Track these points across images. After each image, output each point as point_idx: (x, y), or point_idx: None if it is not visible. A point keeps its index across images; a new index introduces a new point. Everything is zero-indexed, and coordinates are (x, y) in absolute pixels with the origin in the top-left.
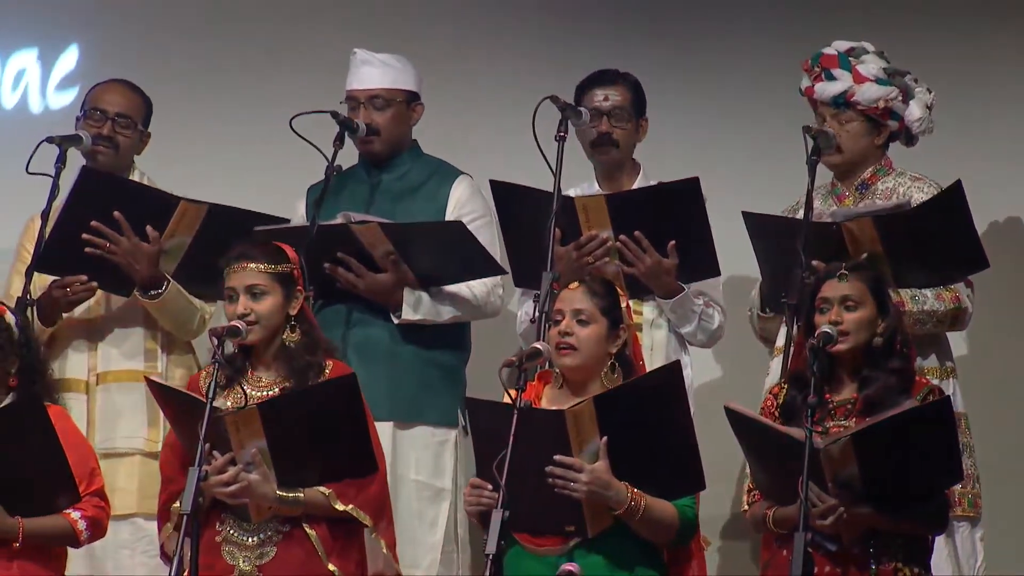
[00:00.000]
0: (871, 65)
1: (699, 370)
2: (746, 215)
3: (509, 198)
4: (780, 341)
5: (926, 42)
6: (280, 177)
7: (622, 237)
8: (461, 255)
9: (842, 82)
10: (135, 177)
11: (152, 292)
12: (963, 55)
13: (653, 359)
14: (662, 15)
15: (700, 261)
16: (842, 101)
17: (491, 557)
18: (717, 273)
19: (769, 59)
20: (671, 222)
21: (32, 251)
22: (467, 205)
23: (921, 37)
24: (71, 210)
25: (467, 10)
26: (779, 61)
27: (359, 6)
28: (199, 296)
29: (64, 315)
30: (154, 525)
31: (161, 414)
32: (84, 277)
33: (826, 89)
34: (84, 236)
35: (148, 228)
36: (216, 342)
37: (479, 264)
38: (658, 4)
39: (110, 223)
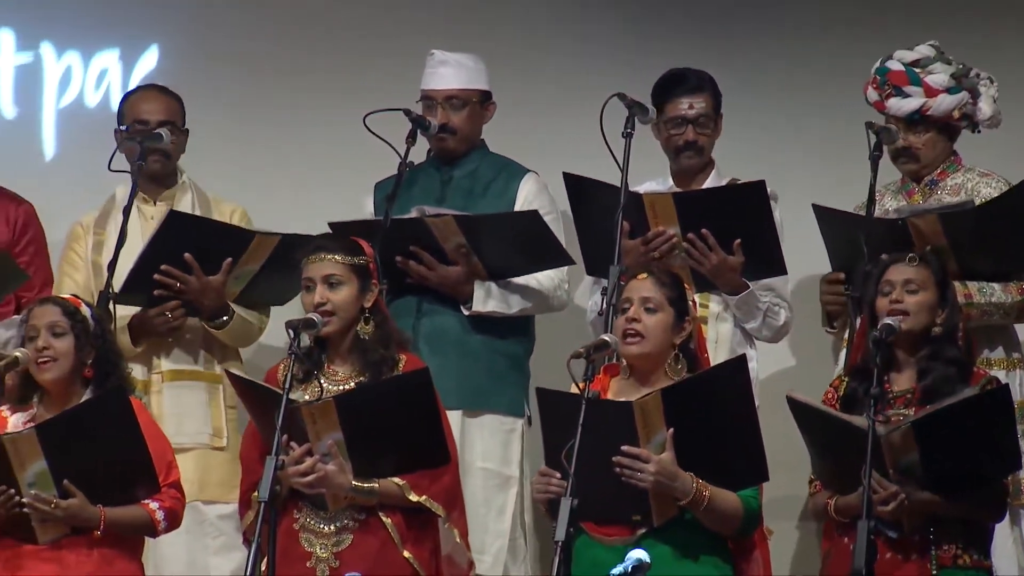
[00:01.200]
0: (940, 75)
1: (767, 362)
2: (816, 208)
3: (581, 190)
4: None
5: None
6: (349, 174)
7: (689, 235)
8: (532, 246)
9: (915, 99)
10: (182, 180)
11: (218, 321)
12: None
13: (718, 352)
14: (729, 12)
15: (766, 260)
16: (917, 117)
17: (560, 544)
18: (783, 272)
19: (837, 58)
20: (737, 221)
21: (80, 253)
22: (535, 202)
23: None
24: (154, 248)
25: (536, 9)
26: (847, 59)
27: (430, 6)
28: (259, 305)
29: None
30: (212, 509)
31: (223, 412)
32: (177, 303)
33: (900, 107)
34: (156, 277)
35: (226, 262)
36: (292, 334)
37: (550, 255)
38: (726, 1)
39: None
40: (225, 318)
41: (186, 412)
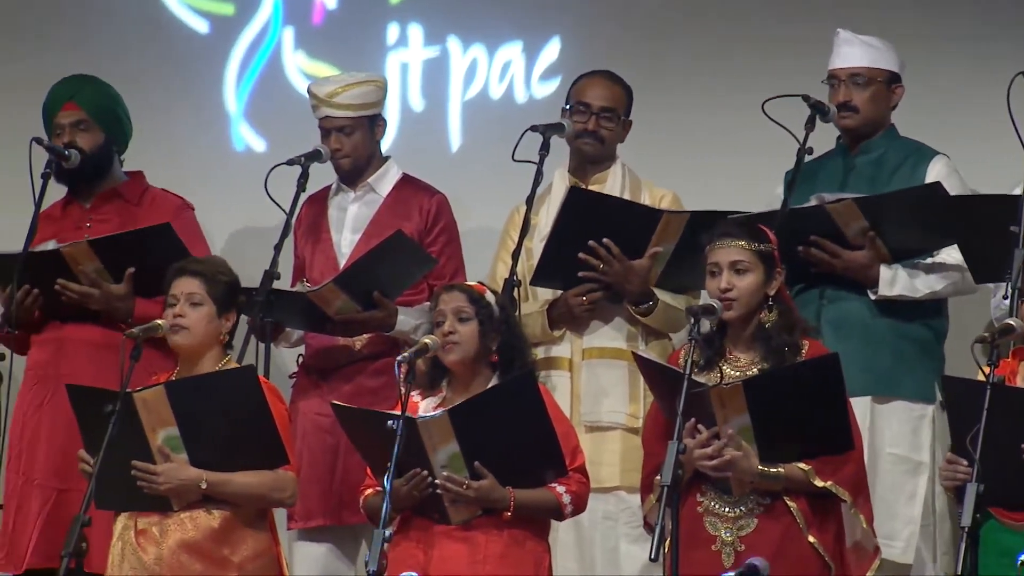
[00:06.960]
0: None
1: None
2: None
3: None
4: None
5: None
6: (755, 162)
7: None
8: (937, 223)
9: None
10: (616, 168)
11: (643, 307)
12: None
13: None
14: None
15: None
16: None
17: (966, 530)
18: None
19: None
20: None
21: (516, 238)
22: (945, 183)
23: None
24: (561, 228)
25: None
26: None
27: None
28: (683, 289)
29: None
30: (635, 498)
31: (642, 390)
32: (592, 286)
33: None
34: (581, 256)
35: (651, 248)
36: (693, 320)
37: (953, 230)
38: None
39: (598, 238)
40: (650, 303)
41: (604, 390)
